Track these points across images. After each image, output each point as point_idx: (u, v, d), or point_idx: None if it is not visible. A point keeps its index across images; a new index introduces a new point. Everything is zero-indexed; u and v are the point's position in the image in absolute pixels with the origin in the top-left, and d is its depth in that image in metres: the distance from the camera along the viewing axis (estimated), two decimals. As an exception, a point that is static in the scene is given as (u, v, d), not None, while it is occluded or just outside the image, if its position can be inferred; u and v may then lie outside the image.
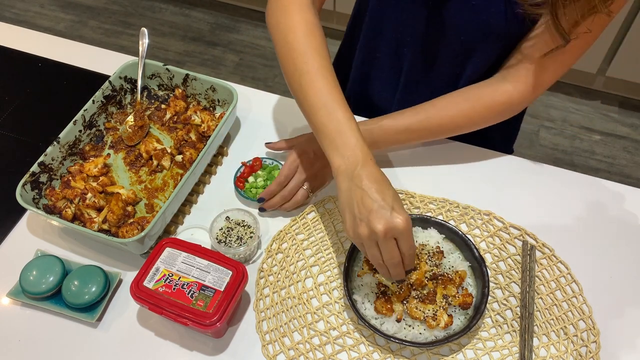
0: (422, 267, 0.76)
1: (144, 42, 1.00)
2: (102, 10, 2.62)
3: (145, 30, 1.02)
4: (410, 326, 0.74)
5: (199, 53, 2.45)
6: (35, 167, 0.84)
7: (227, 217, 0.84)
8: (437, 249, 0.79)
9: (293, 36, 0.78)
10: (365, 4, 0.95)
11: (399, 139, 0.88)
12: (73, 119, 0.90)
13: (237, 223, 0.83)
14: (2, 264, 0.82)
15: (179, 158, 0.91)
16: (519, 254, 0.84)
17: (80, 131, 0.91)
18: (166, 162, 0.90)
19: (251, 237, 0.81)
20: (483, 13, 0.81)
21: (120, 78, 0.97)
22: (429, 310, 0.74)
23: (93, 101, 0.93)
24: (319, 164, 0.87)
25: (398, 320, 0.74)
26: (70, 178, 0.87)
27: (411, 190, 0.91)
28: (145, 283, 0.73)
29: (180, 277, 0.73)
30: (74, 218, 0.84)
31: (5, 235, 0.85)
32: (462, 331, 0.72)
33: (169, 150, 0.92)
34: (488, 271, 0.76)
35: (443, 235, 0.81)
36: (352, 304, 0.74)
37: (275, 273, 0.82)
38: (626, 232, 0.87)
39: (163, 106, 0.99)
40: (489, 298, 0.79)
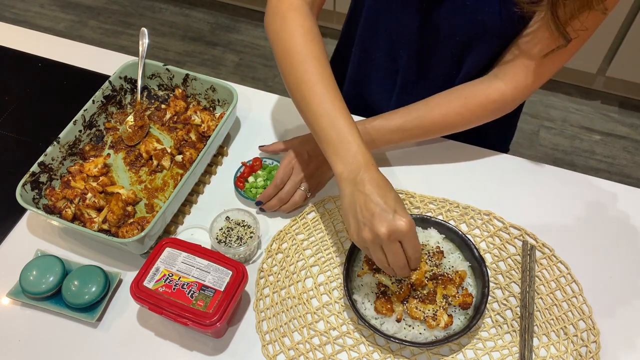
0: (422, 267, 0.76)
1: (144, 42, 1.00)
2: (102, 10, 2.62)
3: (145, 30, 1.02)
4: (410, 326, 0.74)
5: (199, 53, 2.45)
6: (35, 167, 0.84)
7: (227, 217, 0.84)
8: (437, 249, 0.79)
9: (292, 44, 0.78)
10: (359, 6, 0.94)
11: (392, 139, 0.88)
12: (73, 119, 0.90)
13: (237, 223, 0.83)
14: (2, 264, 0.82)
15: (179, 158, 0.91)
16: (519, 254, 0.84)
17: (80, 131, 0.91)
18: (166, 162, 0.90)
19: (251, 237, 0.81)
20: (477, 13, 0.81)
21: (120, 78, 0.97)
22: (429, 310, 0.74)
23: (93, 101, 0.93)
24: (314, 164, 0.87)
25: (398, 320, 0.74)
26: (70, 178, 0.87)
27: (411, 190, 0.91)
28: (145, 283, 0.73)
29: (180, 277, 0.73)
30: (74, 218, 0.84)
31: (5, 235, 0.85)
32: (462, 331, 0.72)
33: (169, 150, 0.92)
34: (488, 271, 0.76)
35: (443, 235, 0.82)
36: (352, 304, 0.74)
37: (275, 273, 0.82)
38: (626, 232, 0.87)
39: (163, 106, 0.99)
40: (489, 298, 0.79)
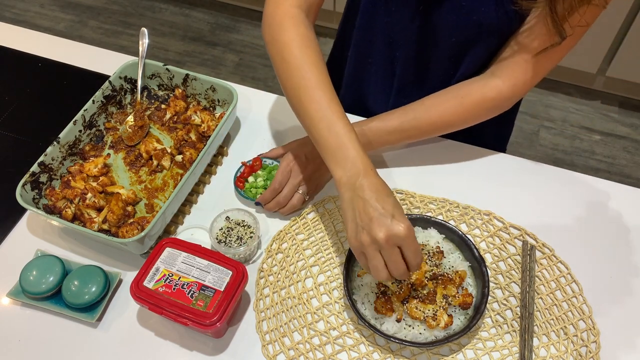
0: (422, 267, 0.76)
1: (144, 42, 1.00)
2: (102, 10, 2.62)
3: (145, 30, 1.02)
4: (410, 326, 0.74)
5: (199, 53, 2.45)
6: (35, 167, 0.84)
7: (227, 217, 0.84)
8: (437, 249, 0.79)
9: (289, 52, 0.78)
10: (355, 9, 0.94)
11: (390, 140, 0.88)
12: (73, 119, 0.90)
13: (237, 223, 0.83)
14: (2, 264, 0.82)
15: (179, 158, 0.91)
16: (519, 254, 0.84)
17: (80, 131, 0.91)
18: (166, 162, 0.90)
19: (251, 237, 0.81)
20: (474, 13, 0.81)
21: (120, 78, 0.97)
22: (429, 310, 0.74)
23: (93, 101, 0.93)
24: (312, 167, 0.87)
25: (398, 320, 0.74)
26: (70, 178, 0.87)
27: (411, 190, 0.91)
28: (145, 283, 0.73)
29: (180, 277, 0.73)
30: (74, 218, 0.84)
31: (5, 235, 0.85)
32: (462, 331, 0.72)
33: (169, 150, 0.92)
34: (488, 271, 0.76)
35: (443, 235, 0.82)
36: (352, 304, 0.74)
37: (275, 273, 0.82)
38: (626, 232, 0.87)
39: (163, 106, 0.99)
40: (489, 298, 0.79)
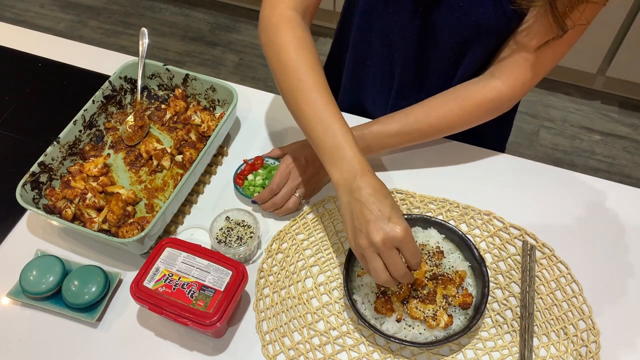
0: (422, 267, 0.76)
1: (144, 42, 1.00)
2: (102, 10, 2.62)
3: (145, 30, 1.02)
4: (410, 326, 0.74)
5: (199, 53, 2.45)
6: (35, 167, 0.84)
7: (227, 217, 0.84)
8: (437, 249, 0.79)
9: (285, 54, 0.78)
10: (352, 11, 0.94)
11: (391, 143, 0.88)
12: (73, 119, 0.90)
13: (237, 223, 0.83)
14: (2, 264, 0.82)
15: (179, 158, 0.91)
16: (519, 254, 0.84)
17: (80, 131, 0.91)
18: (166, 162, 0.90)
19: (251, 237, 0.81)
20: (472, 14, 0.81)
21: (120, 78, 0.97)
22: (429, 310, 0.74)
23: (93, 101, 0.93)
24: (311, 171, 0.87)
25: (398, 320, 0.74)
26: (70, 178, 0.87)
27: (411, 190, 0.90)
28: (145, 283, 0.73)
29: (180, 277, 0.73)
30: (74, 218, 0.84)
31: (5, 235, 0.85)
32: (462, 331, 0.72)
33: (169, 150, 0.92)
34: (488, 271, 0.76)
35: (443, 235, 0.82)
36: (352, 304, 0.74)
37: (275, 273, 0.82)
38: (626, 232, 0.87)
39: (163, 106, 0.99)
40: (489, 298, 0.79)
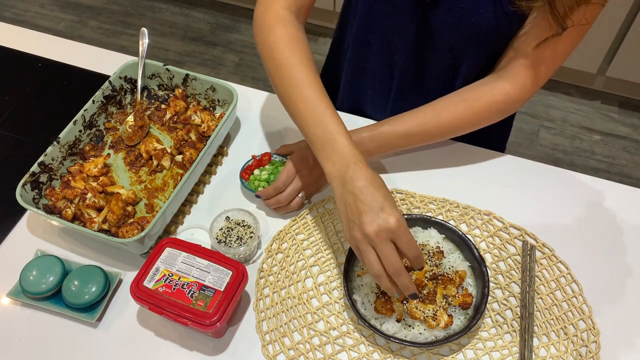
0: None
1: (144, 42, 1.00)
2: (102, 10, 2.62)
3: (145, 30, 1.02)
4: (410, 326, 0.74)
5: (199, 53, 2.45)
6: (35, 167, 0.84)
7: (227, 217, 0.84)
8: (437, 249, 0.79)
9: (278, 52, 0.79)
10: (352, 13, 0.94)
11: (399, 144, 0.88)
12: (73, 119, 0.90)
13: (237, 223, 0.83)
14: (2, 264, 0.82)
15: (179, 158, 0.91)
16: (519, 254, 0.84)
17: (80, 131, 0.91)
18: (166, 162, 0.90)
19: (251, 237, 0.81)
20: (472, 15, 0.81)
21: (120, 78, 0.97)
22: (429, 310, 0.74)
23: (93, 101, 0.93)
24: (318, 171, 0.86)
25: (398, 320, 0.74)
26: (70, 178, 0.87)
27: (411, 190, 0.90)
28: (145, 283, 0.73)
29: (180, 277, 0.73)
30: (74, 218, 0.84)
31: (5, 235, 0.85)
32: (462, 331, 0.72)
33: (169, 150, 0.92)
34: (488, 271, 0.76)
35: (443, 235, 0.82)
36: (352, 304, 0.74)
37: (275, 273, 0.82)
38: (626, 232, 0.87)
39: (163, 106, 0.99)
40: (489, 298, 0.79)
